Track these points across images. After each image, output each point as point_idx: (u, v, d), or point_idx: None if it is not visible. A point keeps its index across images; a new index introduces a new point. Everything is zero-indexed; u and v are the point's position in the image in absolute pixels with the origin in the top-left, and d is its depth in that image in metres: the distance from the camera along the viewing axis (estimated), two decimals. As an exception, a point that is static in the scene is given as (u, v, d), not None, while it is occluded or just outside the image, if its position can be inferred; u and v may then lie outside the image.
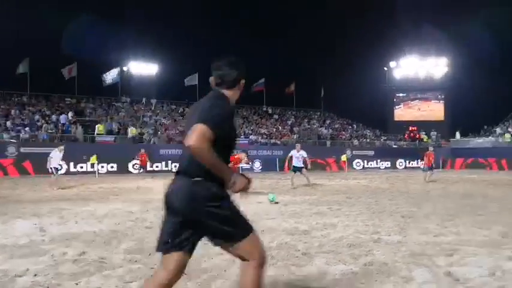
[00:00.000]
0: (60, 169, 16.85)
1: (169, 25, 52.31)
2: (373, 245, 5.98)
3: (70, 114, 32.23)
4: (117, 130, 31.86)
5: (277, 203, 10.50)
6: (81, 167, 25.70)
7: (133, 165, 26.49)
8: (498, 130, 40.59)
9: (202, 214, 2.77)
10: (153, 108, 39.26)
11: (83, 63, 37.15)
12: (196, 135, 2.53)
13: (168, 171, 27.93)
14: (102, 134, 30.32)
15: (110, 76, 38.42)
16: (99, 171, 25.13)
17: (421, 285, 4.21)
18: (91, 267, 4.87)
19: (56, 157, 16.67)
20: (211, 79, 3.10)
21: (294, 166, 17.11)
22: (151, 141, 31.49)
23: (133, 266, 4.92)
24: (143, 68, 43.13)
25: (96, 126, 30.69)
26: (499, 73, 47.72)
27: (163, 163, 28.64)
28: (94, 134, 30.16)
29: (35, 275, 4.58)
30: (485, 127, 43.00)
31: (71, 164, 25.26)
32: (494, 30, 46.21)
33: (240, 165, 16.79)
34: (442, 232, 6.99)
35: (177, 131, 34.23)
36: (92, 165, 24.74)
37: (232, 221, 2.87)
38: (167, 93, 42.90)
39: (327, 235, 6.76)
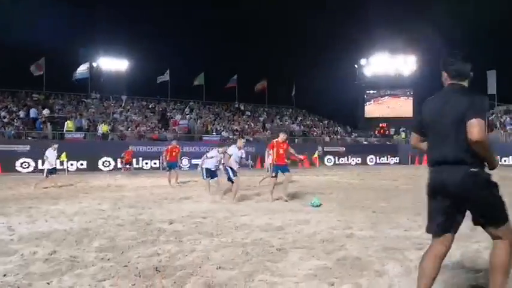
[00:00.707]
0: (55, 169, 16.26)
1: (139, 21, 51.70)
2: (346, 240, 6.06)
3: (45, 111, 31.51)
4: (87, 127, 31.30)
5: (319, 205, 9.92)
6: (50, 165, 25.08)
7: (121, 162, 26.05)
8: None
9: (481, 199, 3.19)
10: (123, 104, 38.71)
11: (51, 59, 36.35)
12: (479, 129, 2.94)
13: (139, 168, 27.63)
14: (71, 131, 29.72)
15: (80, 72, 37.64)
16: (69, 169, 24.65)
17: (393, 278, 4.29)
18: (62, 266, 4.78)
19: (52, 157, 16.00)
20: (444, 74, 3.59)
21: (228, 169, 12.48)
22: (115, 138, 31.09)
23: (106, 264, 4.85)
24: (113, 64, 42.45)
25: (66, 123, 30.06)
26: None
27: (134, 160, 28.25)
28: (63, 130, 29.52)
29: (5, 275, 4.49)
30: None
31: (39, 161, 24.70)
32: (460, 28, 47.33)
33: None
34: (412, 226, 7.13)
35: (148, 128, 33.91)
36: (62, 163, 24.23)
37: (500, 206, 3.22)
38: (138, 90, 42.45)
39: (301, 231, 6.81)
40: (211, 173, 13.28)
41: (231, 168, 11.60)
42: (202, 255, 5.23)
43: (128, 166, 25.05)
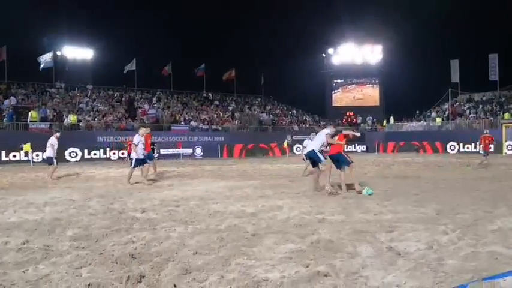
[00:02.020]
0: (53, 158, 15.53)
1: (105, 9, 50.59)
2: (319, 225, 6.21)
3: (7, 101, 30.61)
4: (51, 117, 30.58)
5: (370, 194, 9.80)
6: (14, 156, 24.48)
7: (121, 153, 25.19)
8: (433, 114, 42.58)
9: None
10: (89, 94, 37.94)
11: (13, 47, 35.19)
12: None
13: (106, 158, 27.27)
14: (35, 121, 28.97)
15: (43, 61, 36.59)
16: (34, 160, 24.06)
17: (365, 259, 4.43)
18: (37, 255, 4.74)
19: (56, 144, 15.51)
20: None
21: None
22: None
23: (82, 252, 4.83)
24: (78, 53, 41.47)
25: (29, 113, 29.24)
26: (430, 59, 50.03)
27: (101, 150, 27.85)
28: (27, 121, 28.76)
29: (-23, 266, 4.41)
30: (418, 112, 45.00)
31: (3, 152, 24.11)
32: (425, 18, 48.31)
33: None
34: (381, 211, 7.34)
35: (115, 118, 33.42)
36: (26, 154, 23.67)
37: None
38: (104, 79, 41.61)
39: (274, 217, 6.92)
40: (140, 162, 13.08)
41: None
42: (177, 242, 5.26)
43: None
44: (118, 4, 50.37)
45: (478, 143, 20.45)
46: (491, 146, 19.90)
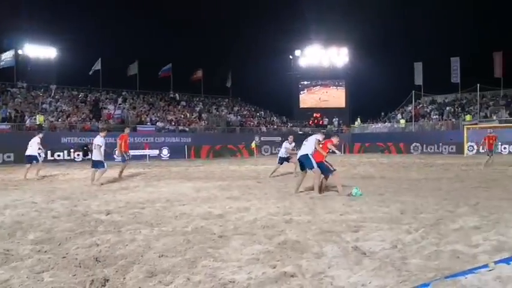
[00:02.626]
0: (41, 157, 16.05)
1: (69, 7, 49.49)
2: (286, 225, 6.23)
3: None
4: (13, 118, 29.72)
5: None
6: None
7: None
8: (399, 116, 43.45)
9: None
10: (52, 94, 37.03)
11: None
12: None
13: (70, 160, 26.68)
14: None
15: (3, 59, 35.50)
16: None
17: (331, 259, 4.47)
18: (-4, 259, 4.58)
19: (35, 144, 15.64)
20: None
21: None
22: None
23: (44, 256, 4.70)
24: (41, 52, 40.30)
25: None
26: (395, 62, 51.00)
27: (66, 152, 27.24)
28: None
29: None
30: (382, 113, 45.85)
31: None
32: (390, 21, 49.27)
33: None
34: (347, 211, 7.43)
35: (80, 118, 32.75)
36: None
37: None
38: (68, 79, 40.64)
39: (241, 218, 6.91)
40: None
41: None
42: (143, 245, 5.18)
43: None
44: (82, 2, 49.39)
45: (481, 143, 20.24)
46: (494, 144, 19.65)
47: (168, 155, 30.76)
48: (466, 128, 33.27)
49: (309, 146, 10.20)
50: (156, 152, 30.28)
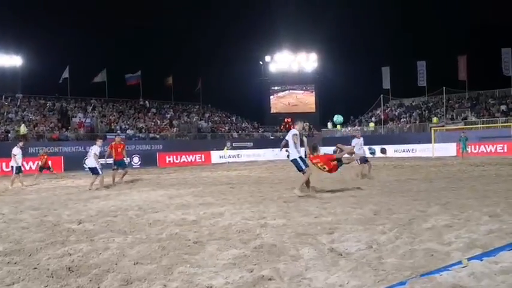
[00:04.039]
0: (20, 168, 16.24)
1: (33, 13, 48.47)
2: (261, 230, 6.21)
3: None
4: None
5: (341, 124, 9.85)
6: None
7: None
8: (373, 119, 44.05)
9: None
10: (18, 103, 36.14)
11: None
12: None
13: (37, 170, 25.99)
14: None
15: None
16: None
17: (308, 261, 4.47)
18: (-37, 273, 4.42)
19: (19, 154, 15.94)
20: None
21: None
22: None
23: (14, 268, 4.54)
24: (5, 60, 39.22)
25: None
26: (364, 66, 51.86)
27: (32, 162, 26.51)
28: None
29: None
30: (352, 117, 46.44)
31: None
32: (357, 26, 50.10)
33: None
34: (321, 213, 7.46)
35: (48, 128, 32.04)
36: None
37: None
38: (34, 88, 39.75)
39: (216, 223, 6.86)
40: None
41: None
42: (117, 253, 5.08)
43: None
44: (48, 9, 48.47)
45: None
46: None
47: (139, 162, 30.38)
48: (433, 130, 33.99)
49: (292, 147, 10.24)
50: (126, 160, 29.76)
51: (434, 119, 38.61)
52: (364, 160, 14.84)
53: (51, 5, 48.61)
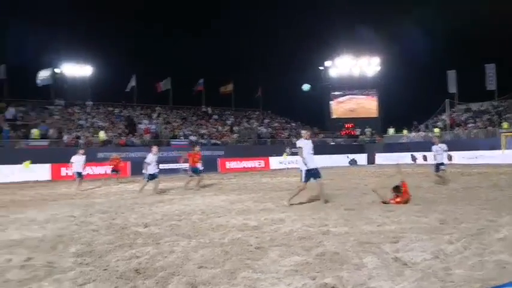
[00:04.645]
0: (83, 173, 17.76)
1: (102, 26, 50.79)
2: (323, 237, 6.17)
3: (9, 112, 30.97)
4: (56, 135, 30.58)
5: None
6: (13, 173, 24.35)
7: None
8: (439, 125, 42.60)
9: None
10: (88, 111, 38.00)
11: (12, 66, 35.36)
12: None
13: (106, 174, 27.17)
14: (37, 138, 29.05)
15: (42, 78, 36.66)
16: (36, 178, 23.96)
17: (371, 270, 4.40)
18: (40, 272, 4.71)
19: (78, 161, 17.02)
20: None
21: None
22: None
23: (85, 269, 4.80)
24: (77, 70, 41.52)
25: (32, 130, 29.39)
26: (428, 70, 50.27)
27: (101, 167, 27.75)
28: (29, 138, 28.82)
29: (-19, 284, 4.38)
30: (415, 122, 45.04)
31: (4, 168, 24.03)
32: (423, 29, 48.69)
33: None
34: (384, 221, 7.30)
35: (115, 134, 33.40)
36: (27, 171, 23.58)
37: None
38: (103, 96, 41.71)
39: (277, 229, 6.89)
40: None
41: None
42: (182, 256, 5.23)
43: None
44: (116, 21, 50.62)
45: None
46: None
47: (201, 168, 30.92)
48: (503, 135, 32.33)
49: (300, 159, 10.57)
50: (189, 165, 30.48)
51: (505, 124, 36.70)
52: (437, 167, 14.76)
53: (118, 16, 50.74)
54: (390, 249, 5.26)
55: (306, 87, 9.83)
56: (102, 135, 31.63)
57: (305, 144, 10.39)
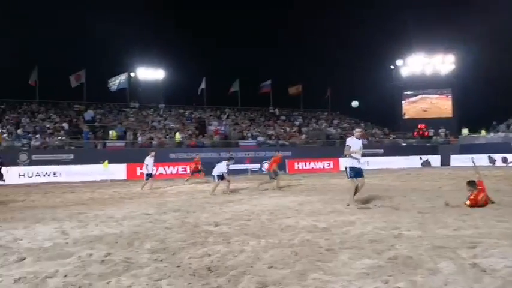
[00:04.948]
0: (154, 173, 18.73)
1: (174, 32, 52.41)
2: (395, 240, 6.01)
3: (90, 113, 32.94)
4: (132, 137, 32.04)
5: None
6: (92, 172, 25.69)
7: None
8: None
9: None
10: (161, 112, 39.43)
11: (90, 70, 37.44)
12: None
13: (177, 174, 28.05)
14: (115, 139, 30.55)
15: (117, 82, 38.57)
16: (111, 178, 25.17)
17: (447, 276, 4.24)
18: (118, 267, 4.94)
19: (150, 163, 17.84)
20: None
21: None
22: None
23: (160, 265, 4.98)
24: (150, 74, 43.35)
25: (110, 132, 30.98)
26: (507, 68, 47.45)
27: (173, 167, 28.70)
28: (107, 140, 30.38)
29: (65, 276, 4.65)
30: (495, 122, 42.69)
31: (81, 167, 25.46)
32: (502, 26, 46.02)
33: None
34: (461, 226, 7.00)
35: (186, 135, 34.38)
36: (105, 170, 24.81)
37: None
38: (175, 98, 43.18)
39: (347, 232, 6.79)
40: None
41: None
42: (252, 256, 5.30)
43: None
44: (185, 26, 52.06)
45: None
46: None
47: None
48: None
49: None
50: (257, 166, 30.85)
51: None
52: None
53: (188, 21, 52.19)
54: (467, 255, 5.03)
55: (355, 104, 9.74)
56: (178, 136, 32.75)
57: (354, 143, 10.38)
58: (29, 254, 5.76)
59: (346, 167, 10.47)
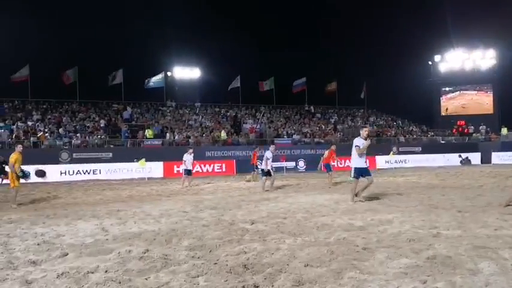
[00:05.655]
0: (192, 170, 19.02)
1: (210, 32, 52.80)
2: (433, 240, 5.92)
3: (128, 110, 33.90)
4: (168, 135, 32.55)
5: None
6: (130, 170, 26.21)
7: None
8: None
9: None
10: (197, 111, 39.88)
11: (128, 70, 38.21)
12: None
13: (213, 172, 28.30)
14: (151, 138, 31.10)
15: (154, 81, 39.27)
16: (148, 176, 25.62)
17: (488, 277, 4.15)
18: (157, 263, 5.05)
19: (189, 160, 18.26)
20: None
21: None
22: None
23: (197, 262, 5.07)
24: (186, 73, 43.90)
25: (146, 130, 31.56)
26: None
27: (209, 165, 28.98)
28: (144, 138, 30.95)
29: (106, 271, 4.80)
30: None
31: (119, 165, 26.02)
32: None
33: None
34: (502, 225, 6.83)
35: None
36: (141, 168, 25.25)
37: None
38: (210, 96, 43.58)
39: (384, 231, 6.73)
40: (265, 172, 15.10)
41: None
42: (288, 254, 5.32)
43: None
44: (221, 26, 52.34)
45: None
46: None
47: (304, 167, 31.08)
48: None
49: (352, 156, 11.06)
50: (292, 164, 30.79)
51: None
52: None
53: (223, 20, 52.48)
54: (509, 255, 4.91)
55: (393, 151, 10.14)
56: (223, 134, 33.16)
57: (362, 143, 10.79)
58: (71, 249, 5.96)
59: (352, 168, 10.91)
